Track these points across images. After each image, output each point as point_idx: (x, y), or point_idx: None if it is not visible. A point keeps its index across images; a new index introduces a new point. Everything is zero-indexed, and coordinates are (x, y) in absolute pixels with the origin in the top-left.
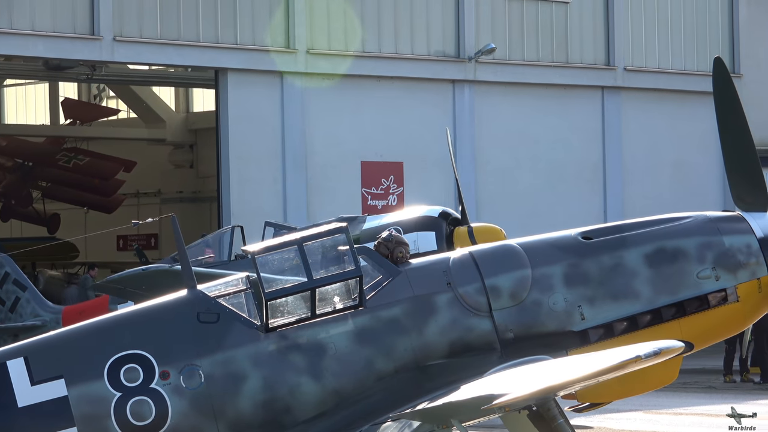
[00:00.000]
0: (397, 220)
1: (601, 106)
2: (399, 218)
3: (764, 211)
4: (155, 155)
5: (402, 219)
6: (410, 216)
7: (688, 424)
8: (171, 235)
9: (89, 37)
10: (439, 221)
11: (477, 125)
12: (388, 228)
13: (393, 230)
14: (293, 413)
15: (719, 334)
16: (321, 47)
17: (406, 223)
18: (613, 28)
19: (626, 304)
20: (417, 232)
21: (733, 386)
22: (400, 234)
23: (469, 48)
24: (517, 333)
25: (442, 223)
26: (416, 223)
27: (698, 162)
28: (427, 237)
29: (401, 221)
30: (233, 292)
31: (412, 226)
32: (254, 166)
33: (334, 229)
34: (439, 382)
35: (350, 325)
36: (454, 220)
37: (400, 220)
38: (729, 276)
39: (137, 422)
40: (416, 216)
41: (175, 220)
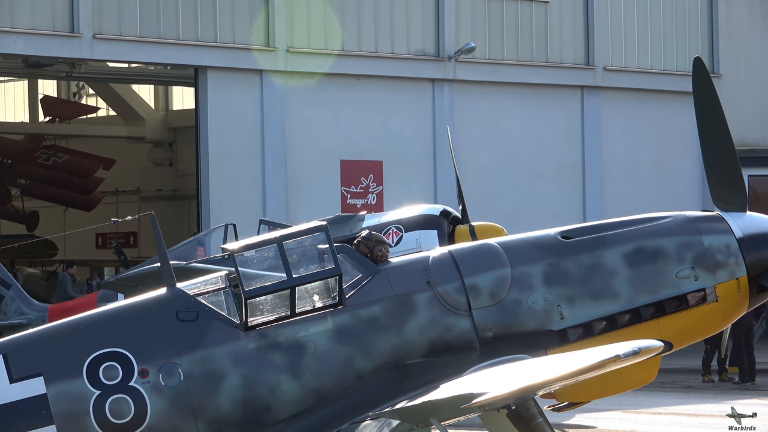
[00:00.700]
0: (398, 218)
1: (581, 106)
2: (399, 216)
3: (743, 212)
4: (134, 153)
5: (403, 217)
6: (411, 214)
7: (667, 423)
8: (150, 233)
9: (69, 35)
10: (441, 220)
11: (457, 124)
12: (388, 226)
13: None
14: (273, 412)
15: (698, 333)
16: (301, 46)
17: (408, 222)
18: (592, 27)
19: (605, 303)
20: (419, 230)
21: (712, 386)
22: (401, 232)
23: (449, 47)
24: (497, 332)
25: (444, 222)
26: (418, 221)
27: (677, 162)
28: (430, 235)
29: (402, 219)
30: (212, 290)
31: (414, 224)
32: (234, 165)
33: (314, 227)
34: (418, 381)
35: (330, 323)
36: (455, 219)
37: (401, 218)
38: (708, 276)
39: (116, 420)
40: (417, 214)
41: (154, 218)
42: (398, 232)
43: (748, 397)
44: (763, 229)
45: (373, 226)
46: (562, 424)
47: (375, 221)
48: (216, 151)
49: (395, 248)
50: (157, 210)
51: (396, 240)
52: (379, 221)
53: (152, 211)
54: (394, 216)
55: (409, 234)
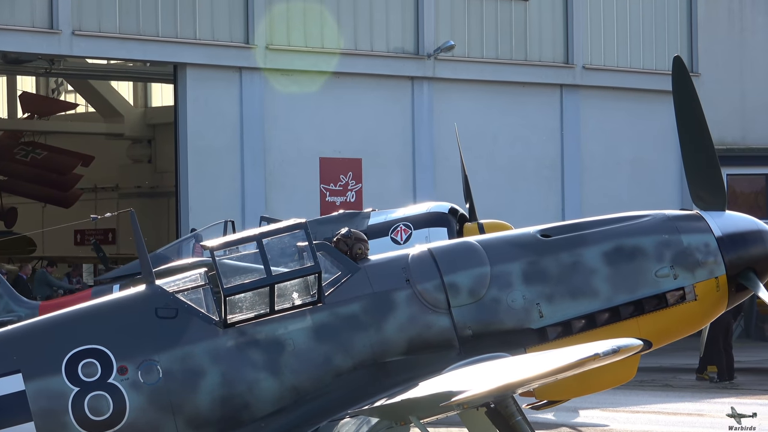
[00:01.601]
0: (406, 215)
1: (560, 104)
2: (406, 214)
3: (723, 210)
4: (113, 150)
5: (411, 215)
6: (419, 212)
7: (645, 421)
8: (129, 230)
9: (48, 31)
10: (450, 217)
11: (436, 122)
12: (397, 224)
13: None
14: (251, 409)
15: (677, 332)
16: (280, 43)
17: (416, 219)
18: (572, 26)
19: (584, 301)
20: (428, 228)
21: (690, 384)
22: (410, 230)
23: (429, 45)
24: (476, 330)
25: (453, 219)
26: (427, 218)
27: (656, 160)
28: (440, 233)
29: (410, 217)
30: (192, 287)
31: (422, 222)
32: (213, 162)
33: (294, 225)
34: (397, 379)
35: (309, 321)
36: (461, 217)
37: (410, 215)
38: (687, 275)
39: (95, 417)
40: (426, 212)
41: (133, 214)
42: (407, 229)
43: (726, 395)
44: (742, 228)
45: (381, 223)
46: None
47: (382, 218)
48: (195, 148)
49: (404, 246)
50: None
51: (405, 237)
52: (387, 218)
53: (131, 208)
54: (401, 213)
55: (418, 231)
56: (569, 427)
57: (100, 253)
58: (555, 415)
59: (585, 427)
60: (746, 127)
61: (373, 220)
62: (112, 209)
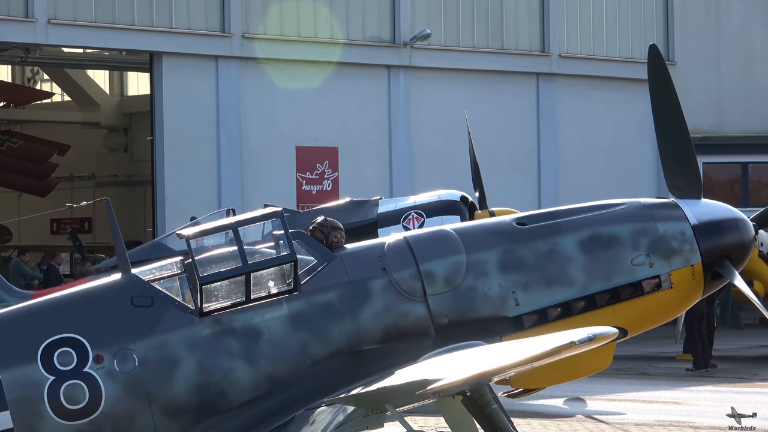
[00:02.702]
0: (417, 203)
1: (536, 93)
2: (417, 202)
3: (698, 199)
4: (89, 139)
5: (422, 202)
6: (430, 199)
7: (621, 409)
8: (105, 218)
9: (23, 20)
10: (461, 205)
11: (412, 111)
12: (409, 212)
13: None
14: (227, 398)
15: (653, 320)
16: (256, 32)
17: (428, 207)
18: (548, 14)
19: (560, 290)
20: (441, 216)
21: (666, 372)
22: (423, 218)
23: (405, 33)
24: (452, 318)
25: (465, 208)
26: (439, 207)
27: (632, 149)
28: (452, 221)
29: (422, 205)
30: (168, 276)
31: (435, 210)
32: (189, 151)
33: (270, 213)
34: (373, 368)
35: (285, 309)
36: (471, 205)
37: (421, 203)
38: (663, 263)
39: (71, 406)
40: (437, 200)
41: (109, 203)
42: (419, 217)
43: (702, 383)
44: (718, 216)
45: (392, 211)
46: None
47: (392, 206)
48: (171, 137)
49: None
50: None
51: (417, 225)
52: (396, 206)
53: (107, 196)
54: (411, 201)
55: (431, 219)
56: (545, 416)
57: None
58: (531, 403)
59: (561, 417)
60: (722, 116)
61: (383, 208)
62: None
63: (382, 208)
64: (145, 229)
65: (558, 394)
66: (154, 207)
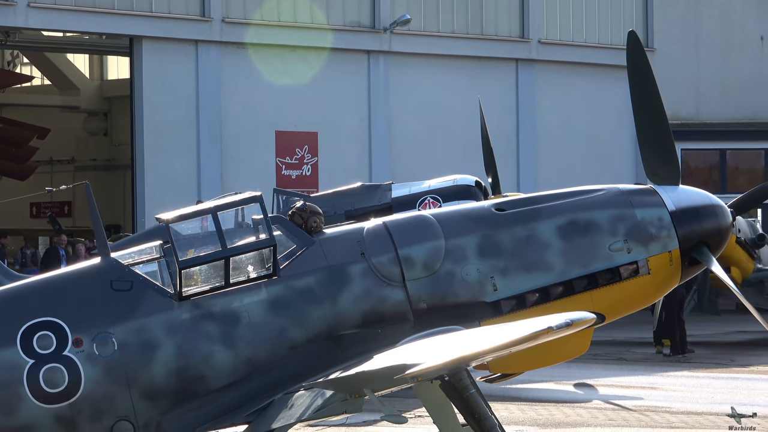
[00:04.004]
0: (432, 188)
1: (516, 79)
2: (432, 186)
3: (676, 185)
4: (69, 122)
5: (437, 187)
6: (445, 184)
7: (598, 394)
8: (85, 202)
9: (3, 3)
10: (476, 190)
11: (392, 96)
12: (424, 196)
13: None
14: (206, 382)
15: (630, 306)
16: (236, 16)
17: (444, 192)
18: (528, 0)
19: (538, 275)
20: (457, 201)
21: (643, 358)
22: (439, 202)
23: (384, 19)
24: (430, 303)
25: (479, 192)
26: (454, 191)
27: (611, 135)
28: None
29: (438, 189)
30: (147, 260)
31: (450, 194)
32: (169, 135)
33: (249, 198)
34: (352, 352)
35: (264, 294)
36: (485, 190)
37: (436, 188)
38: (640, 248)
39: (50, 389)
40: (452, 184)
41: (88, 187)
42: (435, 202)
43: (679, 369)
44: (696, 202)
45: (407, 195)
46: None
47: (405, 191)
48: (151, 122)
49: None
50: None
51: None
52: (410, 191)
53: (87, 180)
54: (426, 185)
55: (447, 204)
56: (523, 400)
57: (56, 226)
58: (509, 387)
59: (539, 401)
60: (701, 103)
61: (396, 193)
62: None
63: (395, 192)
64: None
65: (536, 378)
66: (134, 191)
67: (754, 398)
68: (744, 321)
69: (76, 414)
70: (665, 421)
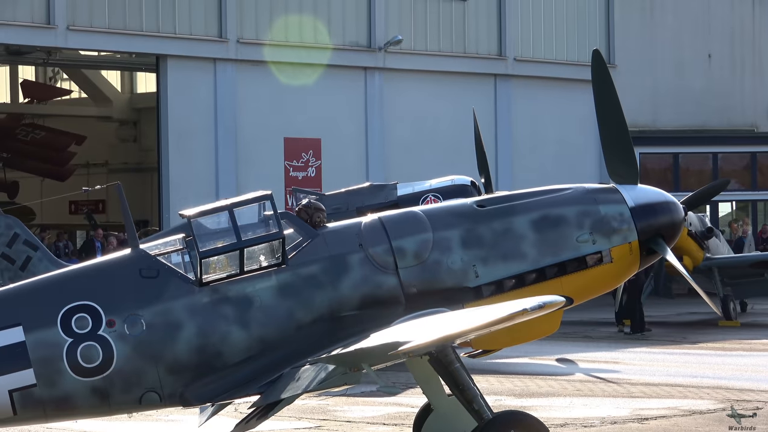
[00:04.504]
0: (433, 186)
1: (494, 92)
2: (433, 185)
3: (635, 184)
4: (103, 131)
5: (437, 186)
6: (444, 183)
7: (567, 368)
8: (117, 200)
9: (46, 26)
10: (472, 189)
11: (386, 107)
12: (426, 194)
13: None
14: (224, 358)
15: (595, 290)
16: (250, 37)
17: (444, 190)
18: (505, 23)
19: (515, 263)
20: (456, 198)
21: (606, 336)
22: (440, 200)
23: (379, 39)
24: (420, 288)
25: (475, 191)
26: (453, 190)
27: (578, 141)
28: None
29: (438, 188)
30: (171, 251)
31: (450, 193)
32: (190, 141)
33: (261, 196)
34: (351, 331)
35: (274, 280)
36: (479, 189)
37: (436, 186)
38: (604, 240)
39: (87, 364)
40: (450, 184)
41: (120, 187)
42: (436, 199)
43: (637, 345)
44: (652, 199)
45: (411, 193)
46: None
47: (409, 189)
48: (175, 130)
49: None
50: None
51: None
52: (414, 189)
53: (118, 181)
54: (427, 185)
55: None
56: (501, 373)
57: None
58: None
59: (515, 374)
60: (657, 112)
61: (402, 191)
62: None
63: (401, 191)
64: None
65: (513, 354)
66: (159, 191)
67: (704, 371)
68: (695, 303)
69: (109, 386)
70: (626, 391)
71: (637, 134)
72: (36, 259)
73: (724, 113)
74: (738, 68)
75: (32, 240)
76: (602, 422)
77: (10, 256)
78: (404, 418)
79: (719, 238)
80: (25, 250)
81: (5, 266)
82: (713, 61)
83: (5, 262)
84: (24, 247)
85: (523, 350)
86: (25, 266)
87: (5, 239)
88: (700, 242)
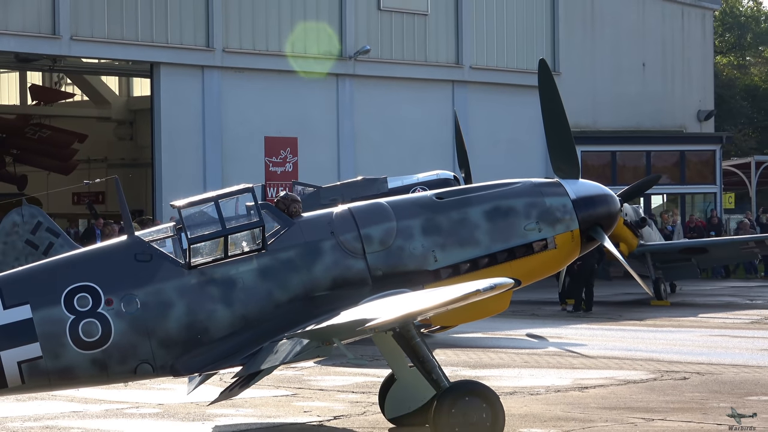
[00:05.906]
0: (419, 180)
1: (452, 96)
2: (420, 179)
3: (577, 179)
4: (103, 130)
5: (424, 179)
6: (430, 177)
7: (517, 342)
8: (115, 192)
9: (51, 36)
10: (454, 182)
11: (356, 110)
12: (414, 187)
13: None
14: (210, 333)
15: (541, 273)
16: (234, 47)
17: (430, 183)
18: (461, 35)
19: (469, 249)
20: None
21: (551, 314)
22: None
23: (350, 49)
24: (385, 271)
25: (456, 184)
26: (438, 183)
27: (527, 140)
28: None
29: (425, 181)
30: (163, 237)
31: (435, 185)
32: (181, 140)
33: (244, 188)
34: (324, 309)
35: (255, 264)
36: (459, 182)
37: (423, 180)
38: (549, 228)
39: (87, 339)
40: (435, 177)
41: (117, 181)
42: (423, 191)
43: (579, 322)
44: (592, 192)
45: (400, 186)
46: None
47: (399, 183)
48: (167, 129)
49: None
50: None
51: None
52: (403, 183)
53: (116, 175)
54: (414, 178)
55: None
56: (457, 347)
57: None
58: (446, 337)
59: (470, 347)
60: (596, 114)
61: (392, 184)
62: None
63: (391, 184)
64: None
65: (467, 330)
66: (153, 183)
67: (637, 345)
68: (630, 285)
69: (108, 358)
70: (568, 363)
71: (579, 134)
72: (58, 245)
73: (656, 116)
74: (669, 76)
75: (54, 227)
76: (547, 390)
77: (34, 242)
78: (371, 387)
79: (652, 227)
80: (47, 237)
81: (29, 251)
82: (647, 69)
83: (29, 248)
84: (47, 234)
85: (477, 326)
86: (47, 251)
87: (29, 227)
88: (635, 230)
